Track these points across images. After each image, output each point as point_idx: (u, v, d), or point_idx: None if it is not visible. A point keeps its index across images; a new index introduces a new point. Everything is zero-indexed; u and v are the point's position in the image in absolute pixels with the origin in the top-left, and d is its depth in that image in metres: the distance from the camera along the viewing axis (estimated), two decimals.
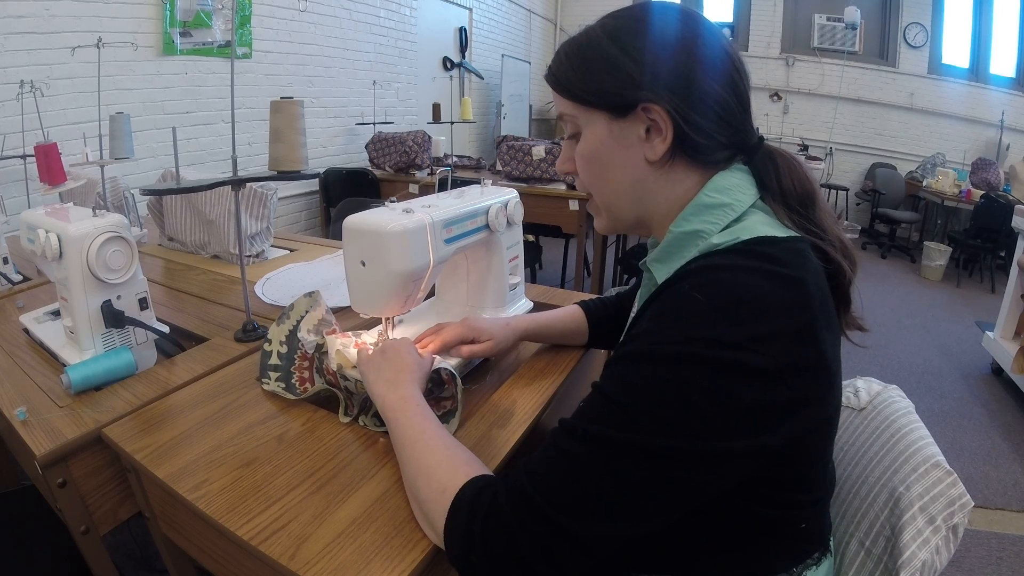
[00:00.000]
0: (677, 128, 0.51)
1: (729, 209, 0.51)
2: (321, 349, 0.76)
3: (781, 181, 0.53)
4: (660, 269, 0.55)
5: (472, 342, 0.80)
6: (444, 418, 0.69)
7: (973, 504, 0.58)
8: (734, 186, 0.53)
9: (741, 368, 0.41)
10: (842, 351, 0.51)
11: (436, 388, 0.71)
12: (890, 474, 0.62)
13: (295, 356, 0.78)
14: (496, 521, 0.45)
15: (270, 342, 0.79)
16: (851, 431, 0.71)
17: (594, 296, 0.94)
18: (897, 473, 0.61)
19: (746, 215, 0.51)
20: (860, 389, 0.73)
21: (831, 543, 0.60)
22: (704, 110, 0.51)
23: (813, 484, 0.53)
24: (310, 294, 0.82)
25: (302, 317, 0.80)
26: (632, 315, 0.67)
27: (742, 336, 0.42)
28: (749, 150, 0.55)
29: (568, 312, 0.90)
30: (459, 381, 0.69)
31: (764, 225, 0.49)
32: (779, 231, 0.49)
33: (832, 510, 0.67)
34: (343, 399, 0.72)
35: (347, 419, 0.70)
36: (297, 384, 0.76)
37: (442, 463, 0.53)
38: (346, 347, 0.77)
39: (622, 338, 0.64)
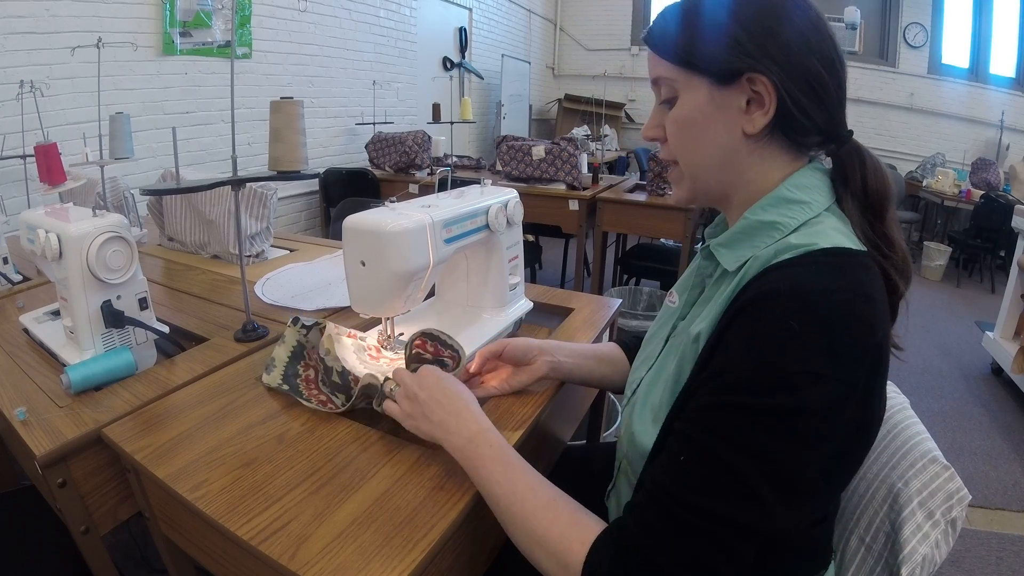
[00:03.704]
0: (780, 103, 0.50)
1: (807, 207, 0.51)
2: (321, 345, 0.77)
3: (866, 178, 0.53)
4: (727, 255, 0.54)
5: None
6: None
7: (971, 498, 0.59)
8: (813, 186, 0.53)
9: (840, 403, 0.42)
10: None
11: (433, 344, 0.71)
12: (888, 470, 0.62)
13: (301, 388, 0.76)
14: None
15: (269, 382, 0.77)
16: None
17: (598, 296, 0.93)
18: (895, 469, 0.61)
19: (821, 217, 0.51)
20: None
21: (832, 549, 0.60)
22: (806, 89, 0.51)
23: (837, 499, 0.54)
24: (294, 322, 0.80)
25: (296, 345, 0.79)
26: (675, 306, 0.64)
27: (834, 365, 0.42)
28: (839, 140, 0.55)
29: (604, 343, 0.85)
30: (433, 334, 0.69)
31: (838, 233, 0.49)
32: (851, 242, 0.49)
33: None
34: (379, 394, 0.69)
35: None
36: (321, 406, 0.73)
37: (552, 530, 0.50)
38: (339, 336, 0.76)
39: (667, 330, 0.63)
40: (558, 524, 0.50)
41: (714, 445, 0.45)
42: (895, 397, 0.70)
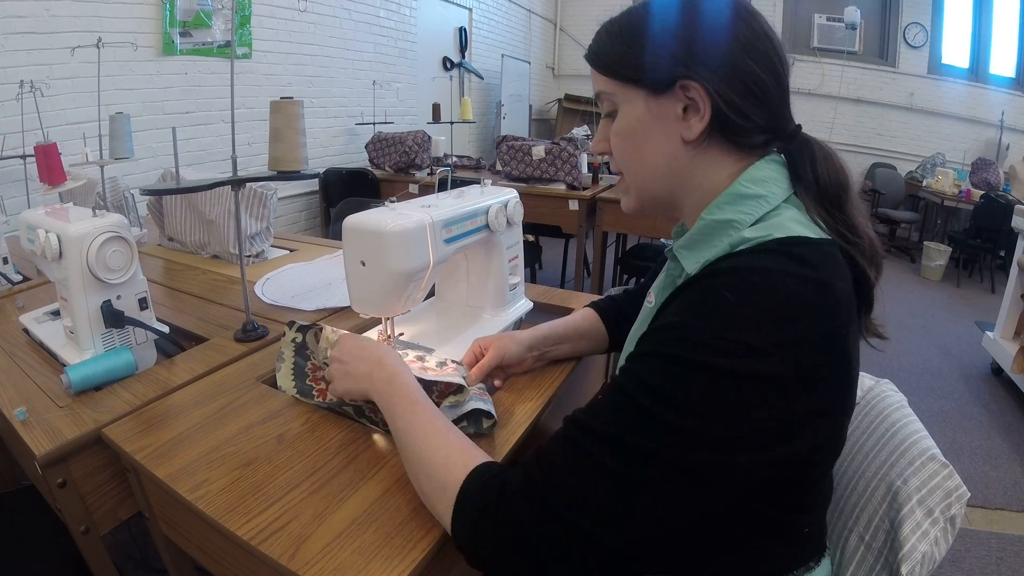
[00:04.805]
0: (715, 107, 0.51)
1: (763, 201, 0.51)
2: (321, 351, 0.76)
3: (816, 170, 0.53)
4: (688, 257, 0.54)
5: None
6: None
7: (969, 495, 0.59)
8: (769, 178, 0.53)
9: (767, 378, 0.41)
10: None
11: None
12: (887, 468, 0.62)
13: (311, 390, 0.76)
14: (506, 515, 0.45)
15: (281, 385, 0.78)
16: None
17: (597, 296, 0.94)
18: (894, 467, 0.61)
19: (779, 209, 0.51)
20: None
21: (827, 546, 0.60)
22: (742, 91, 0.51)
23: (820, 487, 0.53)
24: (291, 324, 0.80)
25: (297, 343, 0.79)
26: (652, 305, 0.65)
27: (771, 342, 0.41)
28: (786, 137, 0.55)
29: (579, 314, 0.87)
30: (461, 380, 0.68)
31: (797, 224, 0.49)
32: (811, 231, 0.49)
33: (830, 505, 0.67)
34: (367, 411, 0.70)
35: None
36: (318, 396, 0.74)
37: (438, 454, 0.53)
38: (336, 333, 0.76)
39: (644, 328, 0.63)
40: (444, 450, 0.53)
41: (624, 381, 0.46)
42: (892, 395, 0.70)
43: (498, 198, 0.92)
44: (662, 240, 3.22)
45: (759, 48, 0.51)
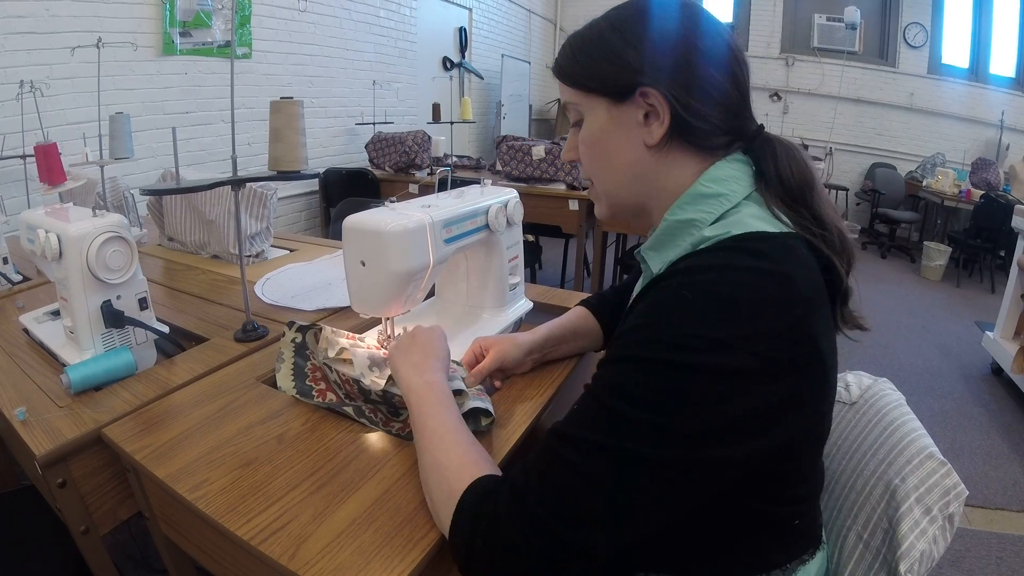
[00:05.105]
0: (674, 112, 0.52)
1: (724, 199, 0.52)
2: (325, 351, 0.76)
3: (779, 167, 0.53)
4: (654, 258, 0.55)
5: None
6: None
7: (968, 493, 0.59)
8: (730, 177, 0.53)
9: (734, 372, 0.41)
10: (841, 350, 0.51)
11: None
12: (885, 466, 0.62)
13: (311, 390, 0.76)
14: (498, 531, 0.46)
15: (281, 386, 0.78)
16: (844, 425, 0.71)
17: (589, 295, 0.94)
18: (892, 465, 0.61)
19: (740, 207, 0.51)
20: (851, 383, 0.74)
21: (823, 538, 0.60)
22: (701, 95, 0.52)
23: (807, 478, 0.53)
24: (291, 325, 0.80)
25: (297, 343, 0.79)
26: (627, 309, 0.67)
27: (733, 336, 0.42)
28: (748, 137, 0.56)
29: (573, 313, 0.89)
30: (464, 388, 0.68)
31: (756, 219, 0.49)
32: (771, 226, 0.49)
33: (829, 504, 0.67)
34: (367, 412, 0.70)
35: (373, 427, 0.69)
36: (318, 396, 0.74)
37: (453, 462, 0.53)
38: (336, 339, 0.76)
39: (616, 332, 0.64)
40: (459, 458, 0.53)
41: (595, 387, 0.47)
42: (890, 394, 0.70)
43: (498, 198, 0.92)
44: None
45: (715, 53, 0.52)
